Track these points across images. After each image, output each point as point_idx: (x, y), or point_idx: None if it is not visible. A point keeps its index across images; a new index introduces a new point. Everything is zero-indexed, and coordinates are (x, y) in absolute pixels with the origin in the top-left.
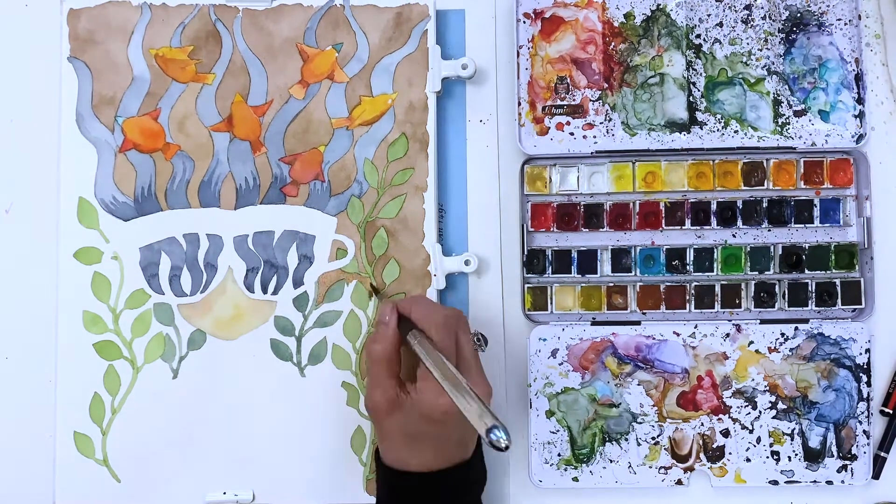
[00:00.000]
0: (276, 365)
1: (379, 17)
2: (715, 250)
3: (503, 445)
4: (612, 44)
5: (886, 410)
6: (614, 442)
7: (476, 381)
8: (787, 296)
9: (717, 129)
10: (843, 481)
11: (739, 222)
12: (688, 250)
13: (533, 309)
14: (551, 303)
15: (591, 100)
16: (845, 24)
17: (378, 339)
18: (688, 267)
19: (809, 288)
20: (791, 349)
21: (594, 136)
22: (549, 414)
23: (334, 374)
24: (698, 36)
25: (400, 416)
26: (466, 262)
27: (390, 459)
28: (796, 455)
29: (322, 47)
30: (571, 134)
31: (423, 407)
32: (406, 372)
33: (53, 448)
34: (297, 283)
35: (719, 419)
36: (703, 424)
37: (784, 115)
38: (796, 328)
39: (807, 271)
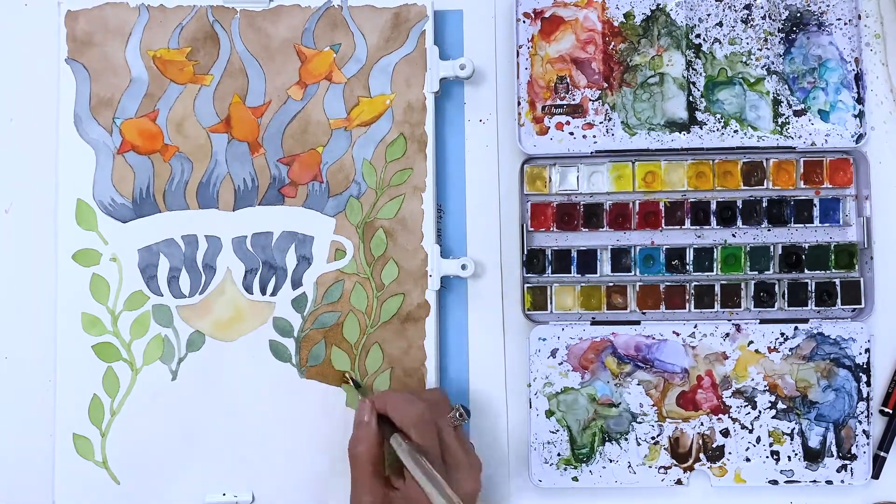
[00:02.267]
0: (275, 366)
1: (377, 18)
2: (715, 250)
3: None
4: (612, 43)
5: (886, 410)
6: (614, 442)
7: (464, 464)
8: (786, 296)
9: (717, 129)
10: (842, 481)
11: (739, 222)
12: (687, 250)
13: (532, 308)
14: (551, 302)
15: (590, 99)
16: (845, 23)
17: (360, 441)
18: (687, 267)
19: (809, 288)
20: (791, 349)
21: (594, 136)
22: (549, 414)
23: (333, 375)
24: (698, 36)
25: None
26: (463, 267)
27: None
28: (796, 455)
29: (320, 48)
30: (571, 133)
31: (418, 502)
32: (391, 468)
33: (52, 450)
34: (296, 284)
35: (719, 419)
36: (702, 424)
37: (784, 114)
38: (796, 328)
39: (806, 271)
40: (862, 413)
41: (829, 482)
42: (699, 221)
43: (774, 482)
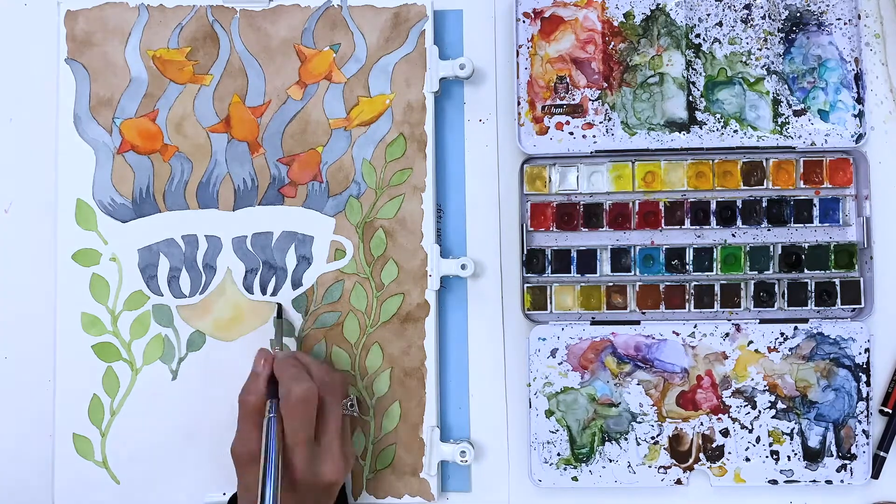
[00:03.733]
0: None
1: (376, 18)
2: (714, 250)
3: None
4: (612, 43)
5: (886, 410)
6: (614, 441)
7: (334, 453)
8: (786, 295)
9: (717, 129)
10: (842, 481)
11: (739, 222)
12: (687, 250)
13: (532, 308)
14: (551, 302)
15: (590, 99)
16: (845, 23)
17: (249, 391)
18: (687, 266)
19: (809, 287)
20: (790, 349)
21: (594, 136)
22: (549, 413)
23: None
24: (698, 35)
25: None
26: (463, 266)
27: None
28: (796, 455)
29: (320, 48)
30: (571, 133)
31: None
32: None
33: (52, 450)
34: (296, 284)
35: (719, 419)
36: (702, 424)
37: (783, 114)
38: (796, 328)
39: (806, 271)
40: (862, 413)
41: (828, 482)
42: (699, 221)
43: (774, 482)
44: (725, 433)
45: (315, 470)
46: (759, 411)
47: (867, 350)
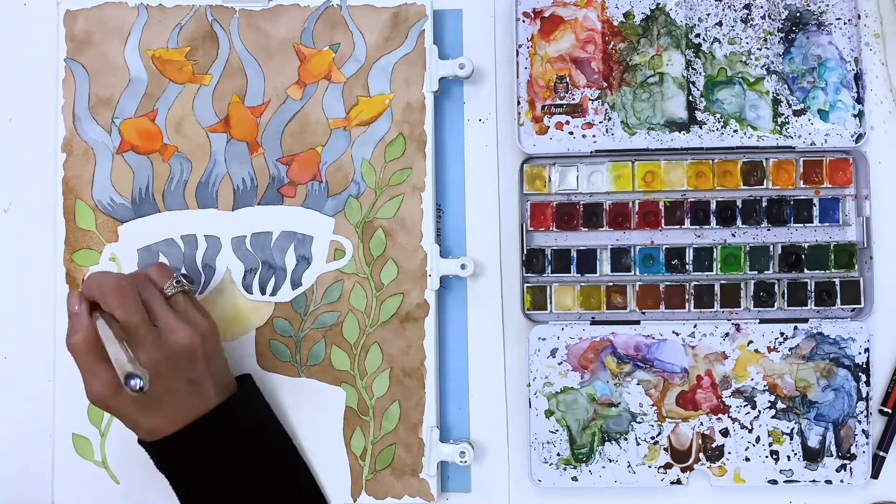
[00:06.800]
0: (275, 366)
1: (376, 17)
2: (714, 250)
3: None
4: (612, 43)
5: (885, 410)
6: (613, 441)
7: (175, 326)
8: (786, 295)
9: (717, 129)
10: (842, 481)
11: (739, 222)
12: (687, 250)
13: (532, 308)
14: (550, 302)
15: (590, 99)
16: (845, 23)
17: (74, 332)
18: (687, 266)
19: (809, 287)
20: (790, 348)
21: (593, 136)
22: (549, 413)
23: (333, 374)
24: (697, 35)
25: (126, 393)
26: (463, 266)
27: (144, 434)
28: (795, 454)
29: (319, 47)
30: (571, 133)
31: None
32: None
33: (52, 450)
34: (296, 283)
35: (718, 419)
36: (702, 424)
37: (783, 114)
38: (795, 328)
39: (806, 271)
40: (861, 413)
41: (828, 482)
42: (699, 221)
43: (774, 482)
44: (725, 433)
45: (164, 344)
46: (759, 411)
47: (867, 350)
